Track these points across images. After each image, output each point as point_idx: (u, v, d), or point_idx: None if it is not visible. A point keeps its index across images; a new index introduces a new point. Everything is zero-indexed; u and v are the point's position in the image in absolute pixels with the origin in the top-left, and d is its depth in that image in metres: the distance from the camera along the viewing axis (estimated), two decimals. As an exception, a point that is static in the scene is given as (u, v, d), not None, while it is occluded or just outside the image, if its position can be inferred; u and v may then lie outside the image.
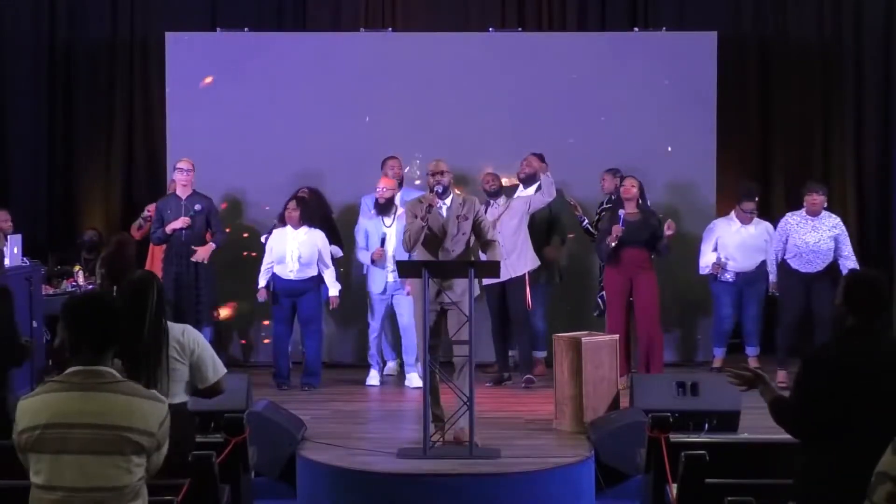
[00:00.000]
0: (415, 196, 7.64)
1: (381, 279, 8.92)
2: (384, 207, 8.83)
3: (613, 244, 8.52)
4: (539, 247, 8.88)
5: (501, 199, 8.72)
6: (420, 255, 7.18)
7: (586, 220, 9.31)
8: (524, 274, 8.76)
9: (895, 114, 10.64)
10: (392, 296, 8.93)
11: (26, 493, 3.59)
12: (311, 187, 9.39)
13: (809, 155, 10.75)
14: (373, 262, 8.87)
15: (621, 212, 8.57)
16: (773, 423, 4.18)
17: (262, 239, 9.04)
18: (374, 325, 9.09)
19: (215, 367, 4.96)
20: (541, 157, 9.18)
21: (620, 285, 8.74)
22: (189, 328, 4.94)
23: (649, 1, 10.81)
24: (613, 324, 8.70)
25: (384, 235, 8.87)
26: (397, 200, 8.95)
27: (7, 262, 8.06)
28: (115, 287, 5.07)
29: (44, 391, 3.55)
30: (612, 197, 9.07)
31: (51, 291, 9.25)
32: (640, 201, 8.71)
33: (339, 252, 9.15)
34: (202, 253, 8.93)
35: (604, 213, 9.13)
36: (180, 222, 8.90)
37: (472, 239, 7.22)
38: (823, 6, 10.73)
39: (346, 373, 9.52)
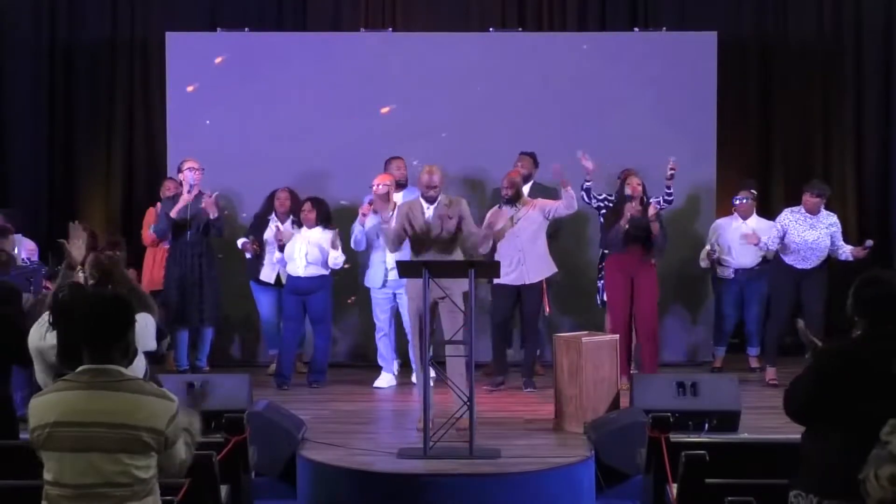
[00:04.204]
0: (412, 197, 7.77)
1: (379, 274, 8.84)
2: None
3: (626, 226, 8.53)
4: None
5: (520, 203, 8.63)
6: (408, 255, 7.46)
7: (590, 183, 9.00)
8: (541, 281, 8.76)
9: (895, 114, 10.64)
10: (395, 294, 8.86)
11: (27, 493, 3.61)
12: (290, 188, 9.37)
13: (809, 155, 10.75)
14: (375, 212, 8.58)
15: (628, 191, 8.62)
16: (772, 424, 4.19)
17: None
18: (379, 324, 8.99)
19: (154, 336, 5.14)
20: (533, 157, 9.19)
21: (622, 283, 8.75)
22: None
23: (649, 1, 10.80)
24: (616, 322, 8.71)
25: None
26: (397, 198, 8.91)
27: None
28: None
29: (55, 389, 3.61)
30: (612, 195, 9.10)
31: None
32: (645, 199, 8.73)
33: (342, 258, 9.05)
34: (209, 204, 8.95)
35: (608, 203, 9.16)
36: (182, 201, 8.94)
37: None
38: (823, 6, 10.73)
39: (347, 372, 9.52)
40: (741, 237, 9.17)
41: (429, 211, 7.50)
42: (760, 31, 10.78)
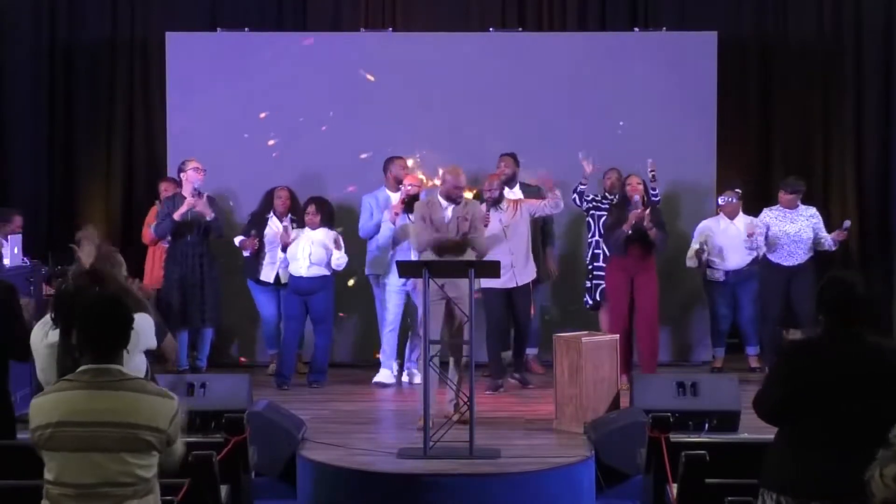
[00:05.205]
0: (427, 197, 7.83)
1: None
2: (409, 204, 8.62)
3: (630, 231, 8.53)
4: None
5: (503, 204, 8.64)
6: (427, 255, 7.44)
7: (584, 186, 9.12)
8: (530, 282, 8.76)
9: (895, 114, 10.65)
10: (408, 293, 8.81)
11: (27, 493, 3.62)
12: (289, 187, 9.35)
13: (809, 155, 10.75)
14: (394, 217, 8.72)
15: (636, 197, 8.58)
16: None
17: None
18: (390, 319, 8.96)
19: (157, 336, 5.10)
20: (514, 157, 9.17)
21: (623, 283, 8.75)
22: None
23: (649, 1, 10.81)
24: (615, 322, 8.71)
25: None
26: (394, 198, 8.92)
27: (7, 262, 8.08)
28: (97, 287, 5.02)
29: (56, 389, 3.62)
30: (611, 194, 9.08)
31: (51, 291, 9.24)
32: (645, 198, 8.73)
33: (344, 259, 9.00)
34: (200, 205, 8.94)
35: (597, 204, 9.13)
36: (186, 205, 8.94)
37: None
38: (823, 6, 10.73)
39: (347, 372, 9.51)
40: (746, 236, 9.14)
41: (447, 211, 7.56)
42: (760, 31, 10.78)
